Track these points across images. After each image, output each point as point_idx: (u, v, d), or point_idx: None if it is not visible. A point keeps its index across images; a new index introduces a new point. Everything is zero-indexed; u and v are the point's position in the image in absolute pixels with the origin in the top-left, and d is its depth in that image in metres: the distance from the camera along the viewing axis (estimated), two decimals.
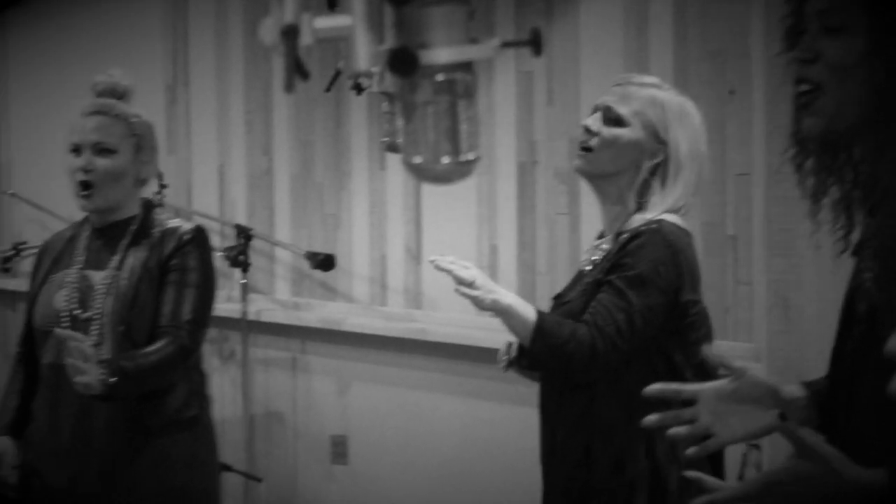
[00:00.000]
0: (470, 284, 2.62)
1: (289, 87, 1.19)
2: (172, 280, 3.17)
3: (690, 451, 2.03)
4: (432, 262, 2.64)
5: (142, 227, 3.24)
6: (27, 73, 6.76)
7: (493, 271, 4.63)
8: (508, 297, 2.65)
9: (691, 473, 1.91)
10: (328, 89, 4.03)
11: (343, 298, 5.17)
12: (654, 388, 2.10)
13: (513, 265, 4.58)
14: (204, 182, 5.65)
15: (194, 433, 3.29)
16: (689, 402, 2.07)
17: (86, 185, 3.16)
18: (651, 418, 2.09)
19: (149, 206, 3.31)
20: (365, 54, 1.23)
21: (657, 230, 2.66)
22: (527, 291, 4.51)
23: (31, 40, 6.71)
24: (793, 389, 2.00)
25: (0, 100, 6.87)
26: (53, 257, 3.34)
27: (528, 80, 4.46)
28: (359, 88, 3.05)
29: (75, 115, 3.24)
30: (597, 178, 2.80)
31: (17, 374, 3.38)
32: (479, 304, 2.62)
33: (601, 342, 2.57)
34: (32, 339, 3.31)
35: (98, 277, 3.18)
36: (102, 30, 6.16)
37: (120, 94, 3.29)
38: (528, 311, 2.64)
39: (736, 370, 2.02)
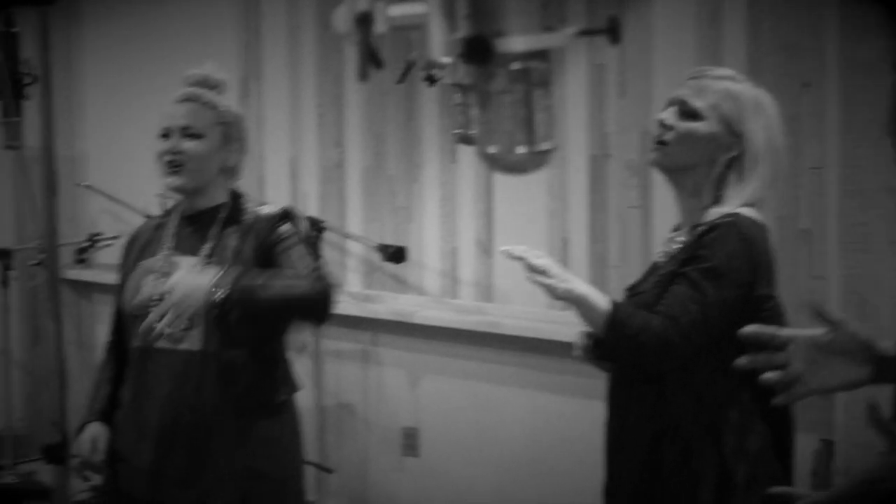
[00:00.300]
0: (543, 273, 2.60)
1: (362, 75, 1.19)
2: (280, 251, 3.23)
3: (778, 399, 2.00)
4: (504, 251, 2.63)
5: (231, 214, 3.28)
6: (103, 67, 6.83)
7: (564, 265, 4.60)
8: (582, 286, 2.63)
9: (777, 490, 1.87)
10: (400, 81, 4.02)
11: (414, 291, 5.18)
12: (750, 328, 2.05)
13: (584, 258, 4.56)
14: (276, 175, 5.68)
15: (282, 419, 3.32)
16: (780, 347, 2.01)
17: (173, 165, 3.22)
18: (742, 360, 2.04)
19: (237, 196, 3.35)
20: (440, 43, 1.23)
21: (733, 223, 2.63)
22: (598, 285, 4.48)
23: (106, 34, 6.78)
24: (889, 346, 1.96)
25: (75, 94, 6.95)
26: (142, 245, 3.40)
27: (600, 72, 4.44)
28: (431, 80, 3.04)
29: (168, 103, 3.30)
30: (672, 172, 2.78)
31: (108, 362, 3.43)
32: (553, 293, 2.61)
33: (674, 333, 2.55)
34: (122, 326, 3.36)
35: (188, 264, 3.22)
36: (176, 24, 6.21)
37: (212, 86, 3.35)
38: (602, 301, 2.62)
39: (835, 321, 1.97)
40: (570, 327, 4.53)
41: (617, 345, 2.62)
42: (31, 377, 6.61)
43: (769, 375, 2.00)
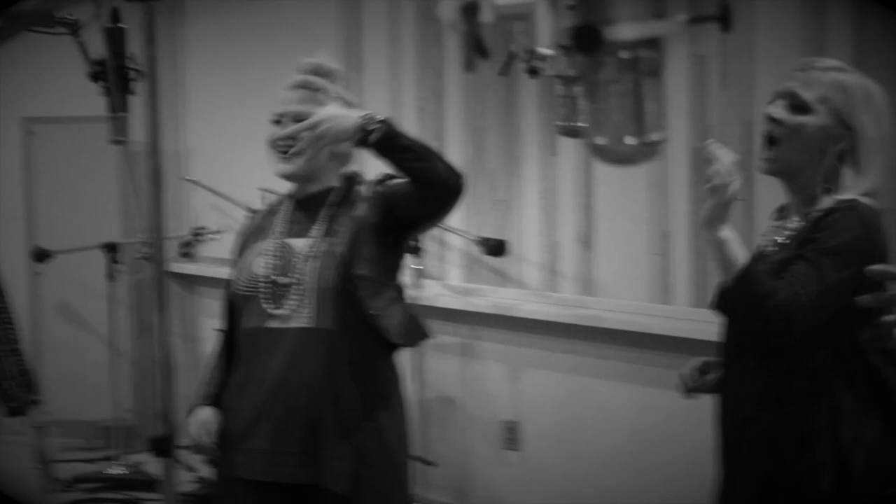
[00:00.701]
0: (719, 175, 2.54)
1: (468, 66, 1.19)
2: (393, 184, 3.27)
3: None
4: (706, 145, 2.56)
5: (343, 197, 3.31)
6: (207, 63, 6.91)
7: (665, 258, 4.58)
8: (729, 230, 2.58)
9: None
10: (502, 73, 4.02)
11: (514, 284, 5.17)
12: (876, 268, 2.01)
13: (685, 252, 4.52)
14: (378, 168, 5.69)
15: (390, 405, 3.33)
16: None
17: (285, 151, 3.26)
18: (865, 298, 2.00)
19: (351, 180, 3.37)
20: (546, 32, 1.21)
21: (852, 208, 2.60)
22: (700, 278, 4.45)
23: (210, 30, 6.85)
24: None
25: (180, 90, 7.04)
26: (254, 230, 3.44)
27: (702, 63, 4.39)
28: (533, 72, 3.03)
29: (282, 89, 3.34)
30: (784, 176, 2.74)
31: (220, 349, 3.47)
32: (720, 196, 2.55)
33: (797, 308, 2.51)
34: (233, 311, 3.41)
35: (299, 245, 3.26)
36: (277, 20, 6.26)
37: (325, 73, 3.38)
38: (742, 252, 2.58)
39: None
40: (672, 321, 4.52)
41: (742, 301, 2.57)
42: (138, 369, 6.72)
43: (892, 316, 1.95)
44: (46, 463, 3.66)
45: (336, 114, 3.09)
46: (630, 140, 1.28)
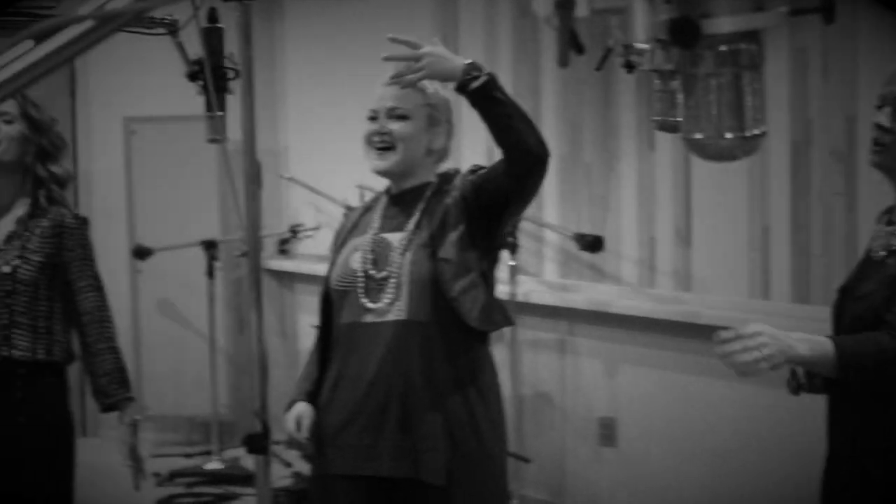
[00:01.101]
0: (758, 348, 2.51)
1: (563, 61, 1.17)
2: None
3: None
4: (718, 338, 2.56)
5: (438, 192, 3.32)
6: (303, 61, 6.95)
7: (764, 254, 4.53)
8: (800, 344, 2.50)
9: None
10: (599, 68, 4.00)
11: (611, 280, 5.14)
12: None
13: (786, 247, 4.46)
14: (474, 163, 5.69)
15: (487, 399, 3.33)
16: None
17: (380, 146, 3.28)
18: None
19: (446, 177, 3.38)
20: (643, 26, 1.20)
21: None
22: (801, 275, 4.39)
23: (307, 28, 6.90)
24: None
25: (278, 88, 7.09)
26: (351, 227, 3.47)
27: (803, 55, 4.33)
28: (630, 66, 3.00)
29: (377, 85, 3.37)
30: (893, 175, 2.68)
31: (317, 344, 3.50)
32: (775, 367, 2.52)
33: None
34: (329, 307, 3.43)
35: (395, 239, 3.28)
36: (374, 16, 6.28)
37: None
38: (824, 347, 2.51)
39: None
40: (772, 318, 4.45)
41: (855, 380, 2.53)
42: (236, 366, 6.78)
43: None
44: (139, 459, 3.70)
45: (444, 52, 3.13)
46: (729, 135, 1.26)
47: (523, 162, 3.14)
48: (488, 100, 3.09)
